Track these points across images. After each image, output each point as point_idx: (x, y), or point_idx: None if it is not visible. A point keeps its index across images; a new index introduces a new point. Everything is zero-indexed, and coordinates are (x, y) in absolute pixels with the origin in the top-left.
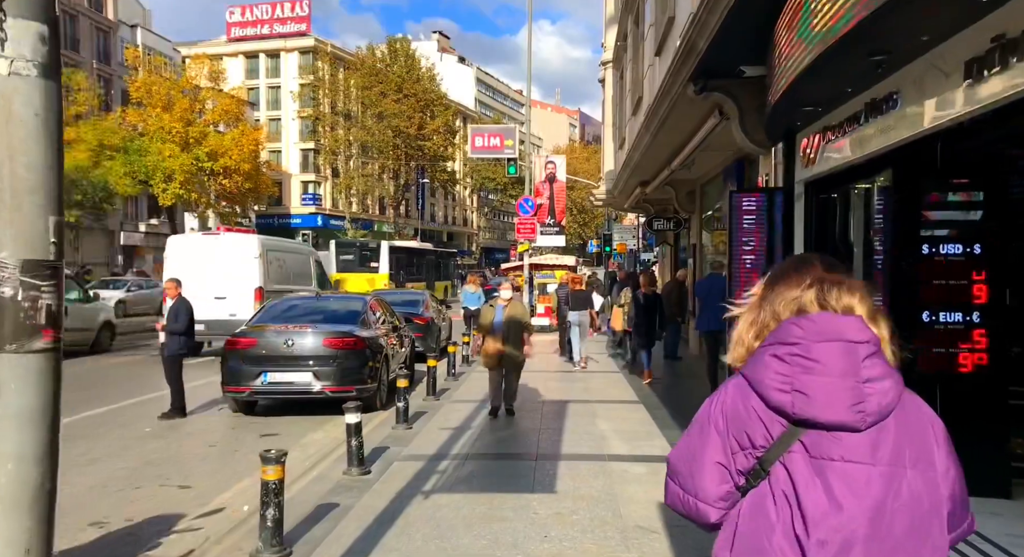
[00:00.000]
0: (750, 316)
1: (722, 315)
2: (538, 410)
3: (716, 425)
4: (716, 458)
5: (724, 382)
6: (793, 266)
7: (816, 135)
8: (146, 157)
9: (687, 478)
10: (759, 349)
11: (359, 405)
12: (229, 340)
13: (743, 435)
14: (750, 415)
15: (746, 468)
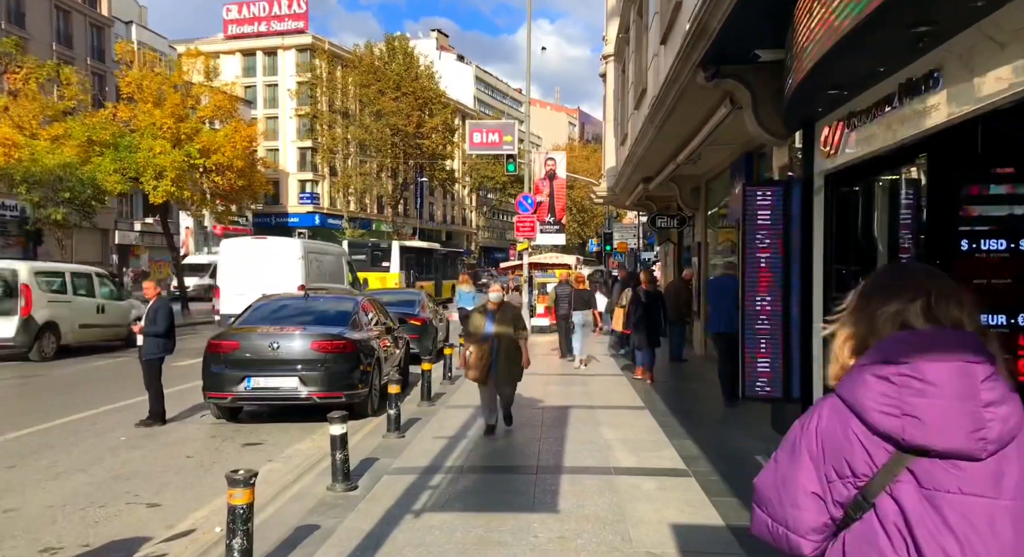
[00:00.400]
0: (845, 331)
1: (735, 317)
2: (538, 416)
3: (809, 450)
4: (810, 487)
5: (817, 403)
6: (891, 275)
7: (839, 123)
8: (136, 153)
9: (776, 507)
10: (857, 367)
11: (344, 415)
12: (211, 343)
13: (841, 462)
14: (850, 440)
15: (845, 498)
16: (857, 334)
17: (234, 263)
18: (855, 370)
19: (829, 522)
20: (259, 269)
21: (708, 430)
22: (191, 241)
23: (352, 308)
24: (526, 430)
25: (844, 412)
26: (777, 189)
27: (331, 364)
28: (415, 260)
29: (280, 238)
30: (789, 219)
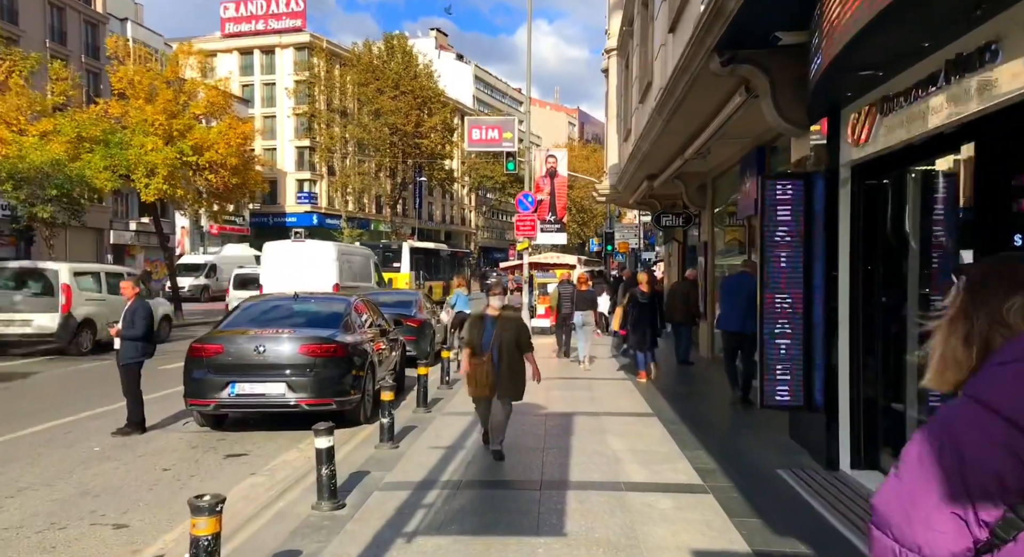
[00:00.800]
0: (959, 330)
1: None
2: (541, 424)
3: (943, 464)
4: (947, 506)
5: (945, 410)
6: (1007, 266)
7: (869, 108)
8: (127, 150)
9: (906, 530)
10: (994, 367)
11: (330, 427)
12: (193, 346)
13: (987, 476)
14: (998, 450)
15: (993, 518)
16: (977, 331)
17: (276, 264)
18: (994, 370)
19: (971, 546)
20: (298, 269)
21: (722, 440)
22: (187, 241)
23: (344, 309)
24: (528, 440)
25: (987, 417)
26: (798, 182)
27: (321, 369)
28: (424, 260)
29: (317, 241)
30: (811, 214)
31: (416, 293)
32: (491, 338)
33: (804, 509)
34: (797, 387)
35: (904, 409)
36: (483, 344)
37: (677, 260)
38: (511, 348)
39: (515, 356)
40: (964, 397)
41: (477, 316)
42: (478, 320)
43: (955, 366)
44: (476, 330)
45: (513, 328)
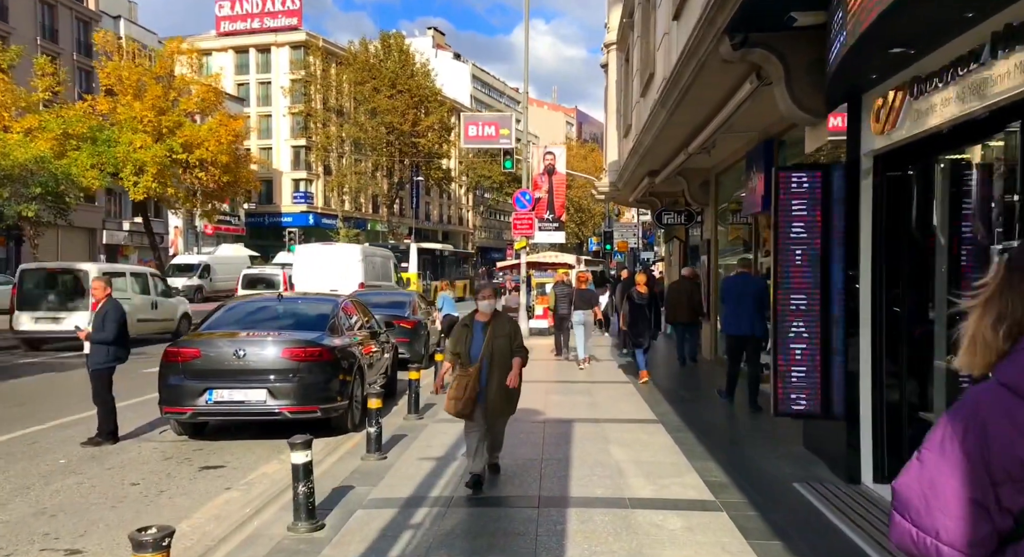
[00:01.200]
0: (992, 310)
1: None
2: (538, 432)
3: (966, 449)
4: (968, 492)
5: (970, 394)
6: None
7: (897, 91)
8: (115, 148)
9: (924, 515)
10: (1020, 353)
11: (307, 440)
12: (168, 350)
13: (1012, 462)
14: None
15: (1017, 506)
16: (1011, 314)
17: (307, 265)
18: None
19: (993, 533)
20: (328, 269)
21: (732, 449)
22: (180, 240)
23: (331, 310)
24: (525, 449)
25: (1012, 401)
26: (815, 174)
27: (305, 374)
28: (431, 261)
29: (344, 244)
30: (829, 208)
31: (411, 293)
32: (480, 348)
33: (827, 529)
34: (813, 394)
35: (932, 418)
36: (471, 354)
37: (678, 259)
38: (504, 359)
39: (507, 367)
40: (992, 381)
41: (464, 322)
42: (464, 327)
43: (984, 349)
44: (463, 338)
45: (506, 334)
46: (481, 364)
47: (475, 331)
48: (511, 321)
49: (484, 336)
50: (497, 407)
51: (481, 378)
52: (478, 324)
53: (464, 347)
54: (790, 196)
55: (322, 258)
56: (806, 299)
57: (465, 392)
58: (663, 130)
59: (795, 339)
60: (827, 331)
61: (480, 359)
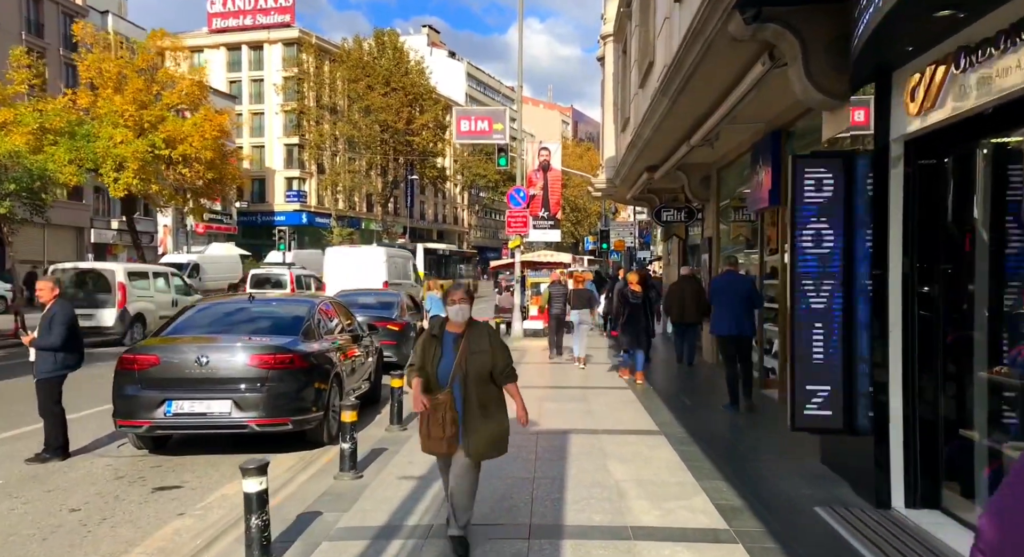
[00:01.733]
0: None
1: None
2: (531, 446)
3: None
4: None
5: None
6: None
7: (937, 65)
8: (95, 143)
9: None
10: None
11: (262, 465)
12: (123, 358)
13: None
14: None
15: None
16: None
17: (337, 266)
18: None
19: None
20: (355, 269)
21: (743, 466)
22: (169, 240)
23: (307, 312)
24: (515, 466)
25: None
26: (836, 163)
27: (275, 383)
28: (436, 261)
29: (370, 247)
30: (852, 201)
31: (398, 294)
32: (451, 366)
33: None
34: (836, 406)
35: (974, 436)
36: (439, 375)
37: (677, 258)
38: (482, 380)
39: (489, 392)
40: None
41: (430, 333)
42: (432, 339)
43: None
44: (429, 353)
45: (484, 349)
46: (452, 389)
47: (444, 344)
48: (491, 333)
49: (455, 352)
50: (478, 443)
51: (457, 407)
52: (448, 336)
53: (431, 365)
54: (807, 187)
55: (350, 260)
56: (826, 301)
57: (444, 426)
58: (664, 121)
59: (813, 345)
60: (850, 336)
61: (450, 381)
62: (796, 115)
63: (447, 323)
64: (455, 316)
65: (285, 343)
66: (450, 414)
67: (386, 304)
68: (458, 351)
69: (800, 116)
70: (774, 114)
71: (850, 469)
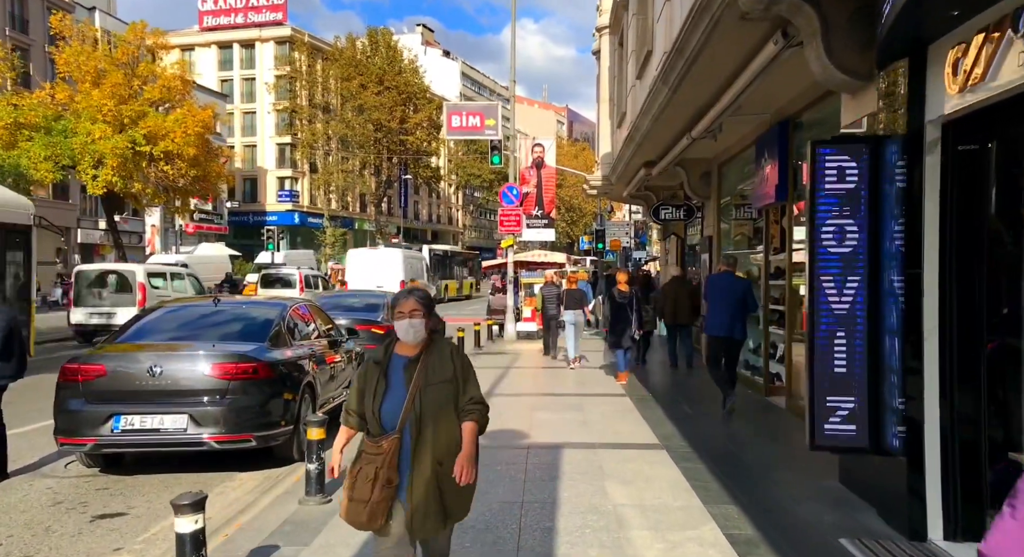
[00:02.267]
0: None
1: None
2: (520, 462)
3: None
4: None
5: None
6: None
7: (988, 33)
8: (72, 138)
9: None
10: None
11: (198, 499)
12: (65, 368)
13: None
14: None
15: None
16: None
17: (358, 266)
18: None
19: None
20: (375, 269)
21: (754, 487)
22: (157, 240)
23: (277, 316)
24: (503, 488)
25: None
26: (861, 148)
27: (237, 395)
28: (440, 261)
29: (388, 249)
30: (879, 191)
31: (384, 295)
32: (400, 403)
33: None
34: (860, 422)
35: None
36: (383, 417)
37: (676, 257)
38: (442, 421)
39: (452, 437)
40: None
41: (374, 358)
42: (375, 367)
43: None
44: (370, 387)
45: (447, 378)
46: (402, 434)
47: (392, 374)
48: (457, 355)
49: (406, 384)
50: (430, 516)
51: (401, 460)
52: (398, 361)
53: (372, 402)
54: (828, 177)
55: (370, 260)
56: (849, 304)
57: (373, 489)
58: (663, 112)
59: (835, 353)
60: (877, 343)
61: (400, 424)
62: (805, 104)
63: (397, 344)
64: (405, 335)
65: (249, 351)
66: (386, 472)
67: (372, 306)
68: (410, 383)
69: (809, 105)
70: (781, 103)
71: (875, 491)
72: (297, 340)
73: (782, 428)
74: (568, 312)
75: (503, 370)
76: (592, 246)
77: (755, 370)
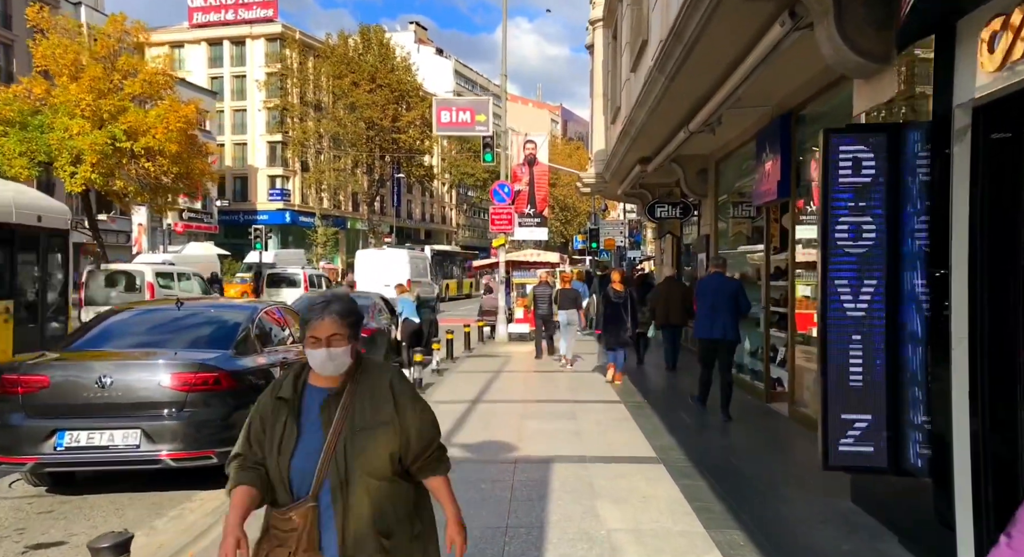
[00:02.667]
0: None
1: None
2: (507, 479)
3: None
4: None
5: None
6: None
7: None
8: (48, 134)
9: None
10: None
11: (122, 540)
12: (4, 378)
13: None
14: None
15: None
16: None
17: (367, 266)
18: None
19: None
20: (382, 269)
21: (760, 508)
22: (144, 239)
23: (245, 320)
24: (486, 510)
25: None
26: (879, 137)
27: (197, 408)
28: (442, 261)
29: (394, 249)
30: (899, 184)
31: (370, 296)
32: (316, 456)
33: None
34: (878, 439)
35: None
36: (292, 476)
37: (671, 257)
38: (378, 480)
39: (396, 499)
40: None
41: (276, 392)
42: (279, 405)
43: None
44: (273, 433)
45: (384, 421)
46: (318, 502)
47: (305, 415)
48: (398, 387)
49: (323, 428)
50: None
51: (324, 538)
52: (313, 396)
53: (277, 457)
54: (843, 169)
55: (378, 261)
56: (866, 308)
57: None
58: (660, 103)
59: (850, 363)
60: (897, 352)
61: (315, 487)
62: (809, 96)
63: (309, 374)
64: (323, 368)
65: (210, 359)
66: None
67: None
68: (329, 428)
69: (813, 97)
70: (783, 95)
71: (894, 513)
72: (270, 346)
73: (786, 438)
74: (562, 312)
75: (493, 374)
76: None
77: (755, 375)
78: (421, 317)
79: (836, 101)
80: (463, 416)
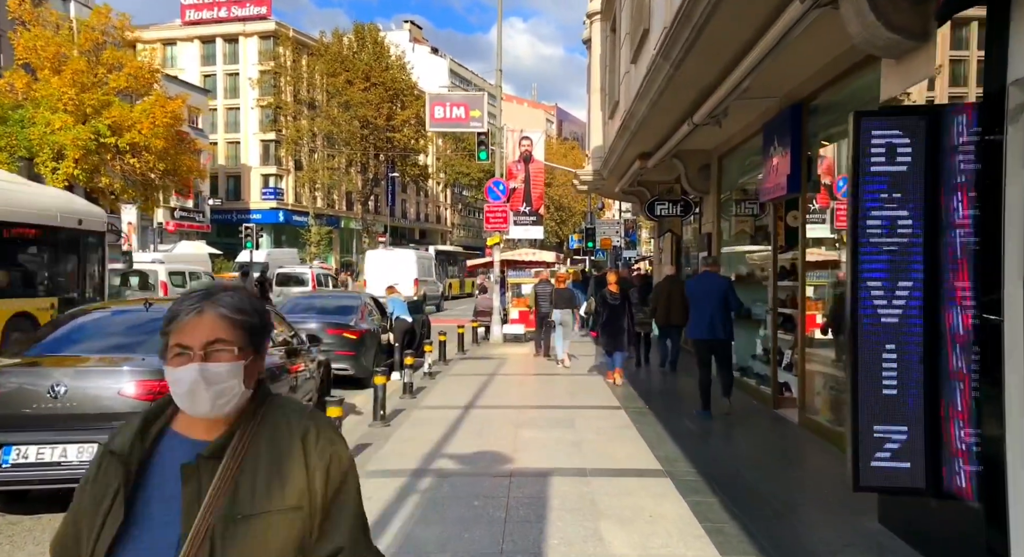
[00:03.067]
0: None
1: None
2: (502, 496)
3: None
4: None
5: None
6: None
7: None
8: (29, 128)
9: None
10: None
11: None
12: None
13: None
14: None
15: None
16: None
17: (376, 266)
18: None
19: None
20: (391, 269)
21: (779, 530)
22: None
23: None
24: (478, 532)
25: None
26: (915, 121)
27: None
28: (446, 261)
29: (403, 249)
30: (938, 172)
31: (360, 296)
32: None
33: None
34: (915, 456)
35: None
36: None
37: (670, 256)
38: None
39: None
40: None
41: (109, 451)
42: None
43: None
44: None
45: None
46: None
47: (150, 486)
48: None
49: (186, 513)
50: None
51: None
52: (173, 452)
53: (89, 554)
54: (875, 156)
55: (386, 260)
56: (900, 312)
57: None
58: (662, 94)
59: (884, 371)
60: (936, 359)
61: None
62: (821, 84)
63: (175, 414)
64: (192, 399)
65: None
66: None
67: (344, 308)
68: (194, 513)
69: (826, 86)
70: (794, 84)
71: (927, 537)
72: None
73: (798, 448)
74: (557, 311)
75: (488, 377)
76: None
77: (762, 379)
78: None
79: (849, 91)
80: (455, 423)
